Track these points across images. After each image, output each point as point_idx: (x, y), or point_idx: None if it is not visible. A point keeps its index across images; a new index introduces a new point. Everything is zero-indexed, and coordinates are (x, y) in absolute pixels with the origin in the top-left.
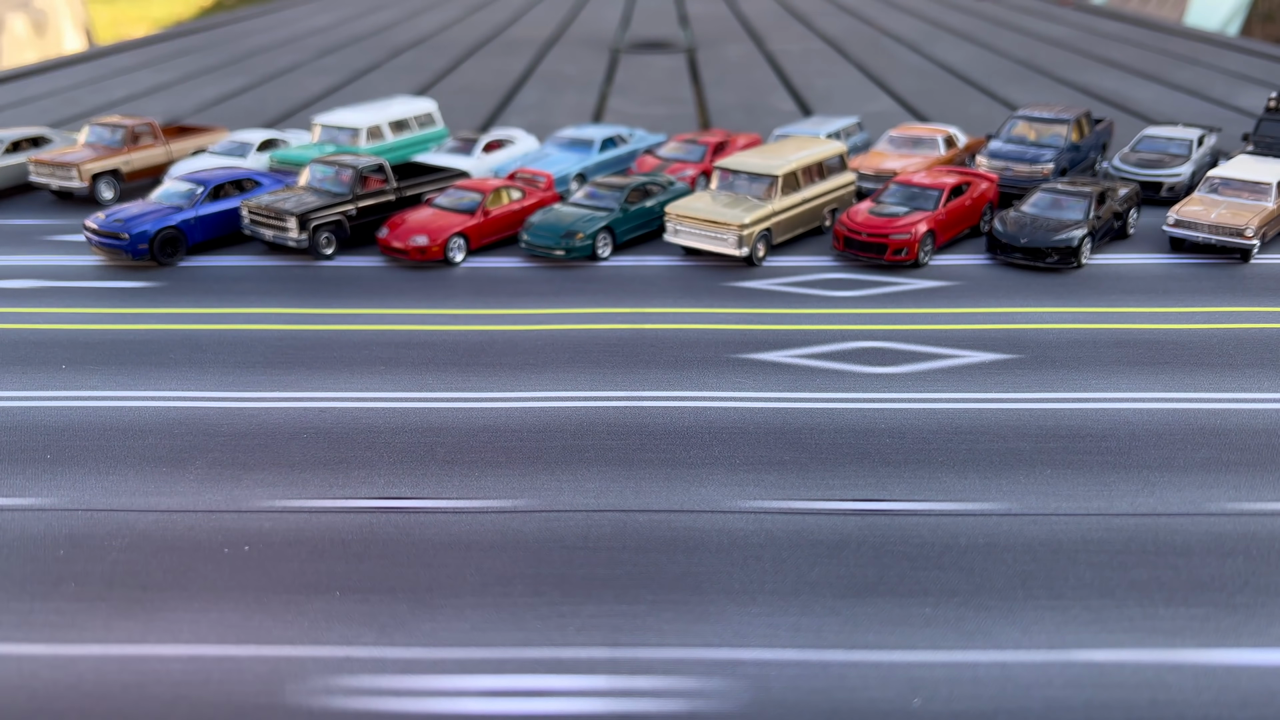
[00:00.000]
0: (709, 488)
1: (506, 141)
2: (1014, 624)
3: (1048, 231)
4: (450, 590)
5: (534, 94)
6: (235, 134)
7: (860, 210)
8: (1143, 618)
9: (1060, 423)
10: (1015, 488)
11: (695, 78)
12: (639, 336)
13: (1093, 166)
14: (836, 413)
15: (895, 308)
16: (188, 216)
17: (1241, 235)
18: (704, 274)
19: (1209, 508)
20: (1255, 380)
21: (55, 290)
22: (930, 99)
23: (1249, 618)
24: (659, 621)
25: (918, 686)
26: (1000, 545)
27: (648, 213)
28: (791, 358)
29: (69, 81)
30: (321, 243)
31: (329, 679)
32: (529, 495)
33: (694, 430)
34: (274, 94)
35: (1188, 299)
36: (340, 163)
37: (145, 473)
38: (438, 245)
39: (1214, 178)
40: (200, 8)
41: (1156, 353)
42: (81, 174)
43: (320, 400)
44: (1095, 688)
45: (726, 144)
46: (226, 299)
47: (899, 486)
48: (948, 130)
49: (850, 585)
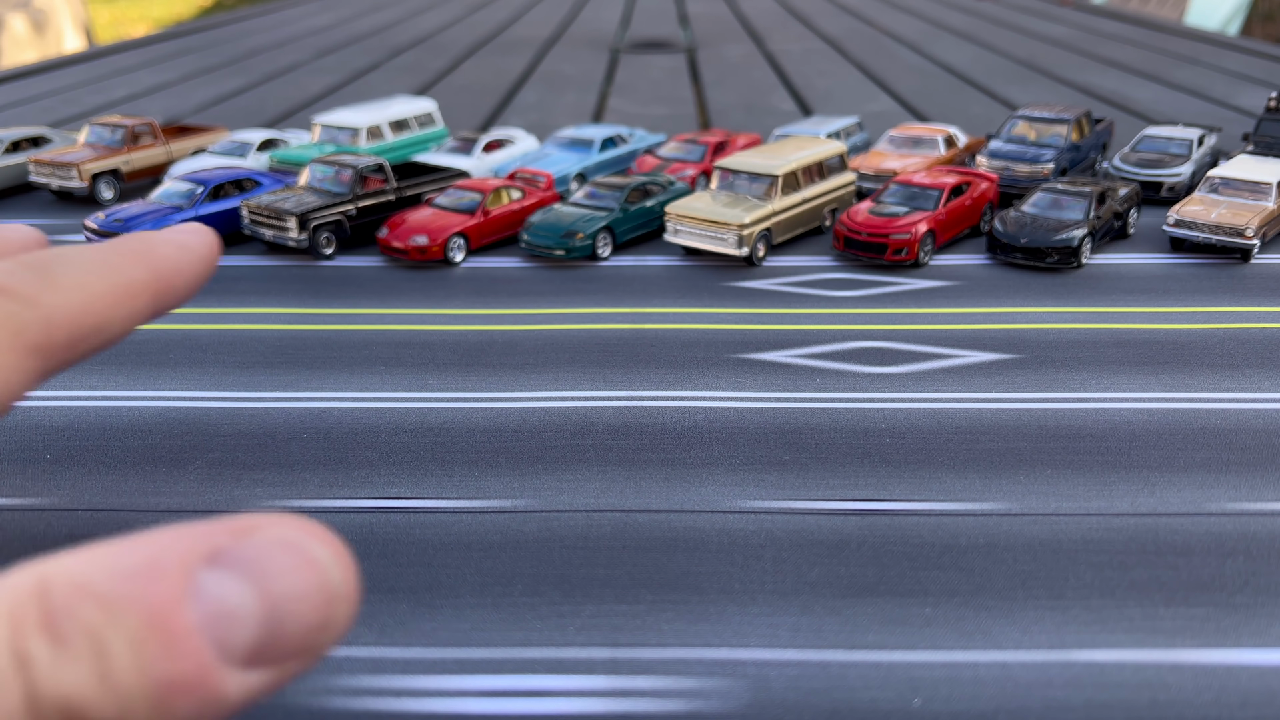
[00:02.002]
0: (709, 488)
1: (506, 141)
2: (1014, 624)
3: (1048, 231)
4: (450, 590)
5: (534, 94)
6: (235, 134)
7: (860, 210)
8: (1143, 618)
9: (1060, 422)
10: (1015, 488)
11: (695, 78)
12: (639, 336)
13: (1093, 166)
14: (836, 413)
15: (895, 308)
16: (187, 216)
17: (1242, 235)
18: (704, 274)
19: (1209, 508)
20: (1256, 380)
21: None
22: (930, 99)
23: (1249, 618)
24: (659, 621)
25: (918, 686)
26: (1000, 545)
27: (648, 213)
28: (791, 358)
29: (69, 81)
30: (321, 242)
31: (328, 679)
32: (529, 495)
33: (694, 430)
34: (274, 94)
35: (1188, 299)
36: (340, 163)
37: (145, 472)
38: (438, 245)
39: (1214, 177)
40: (200, 8)
41: (1157, 352)
42: (81, 174)
43: (320, 400)
44: (1096, 688)
45: (726, 144)
46: (226, 299)
47: (899, 486)
48: (948, 130)
49: (850, 585)
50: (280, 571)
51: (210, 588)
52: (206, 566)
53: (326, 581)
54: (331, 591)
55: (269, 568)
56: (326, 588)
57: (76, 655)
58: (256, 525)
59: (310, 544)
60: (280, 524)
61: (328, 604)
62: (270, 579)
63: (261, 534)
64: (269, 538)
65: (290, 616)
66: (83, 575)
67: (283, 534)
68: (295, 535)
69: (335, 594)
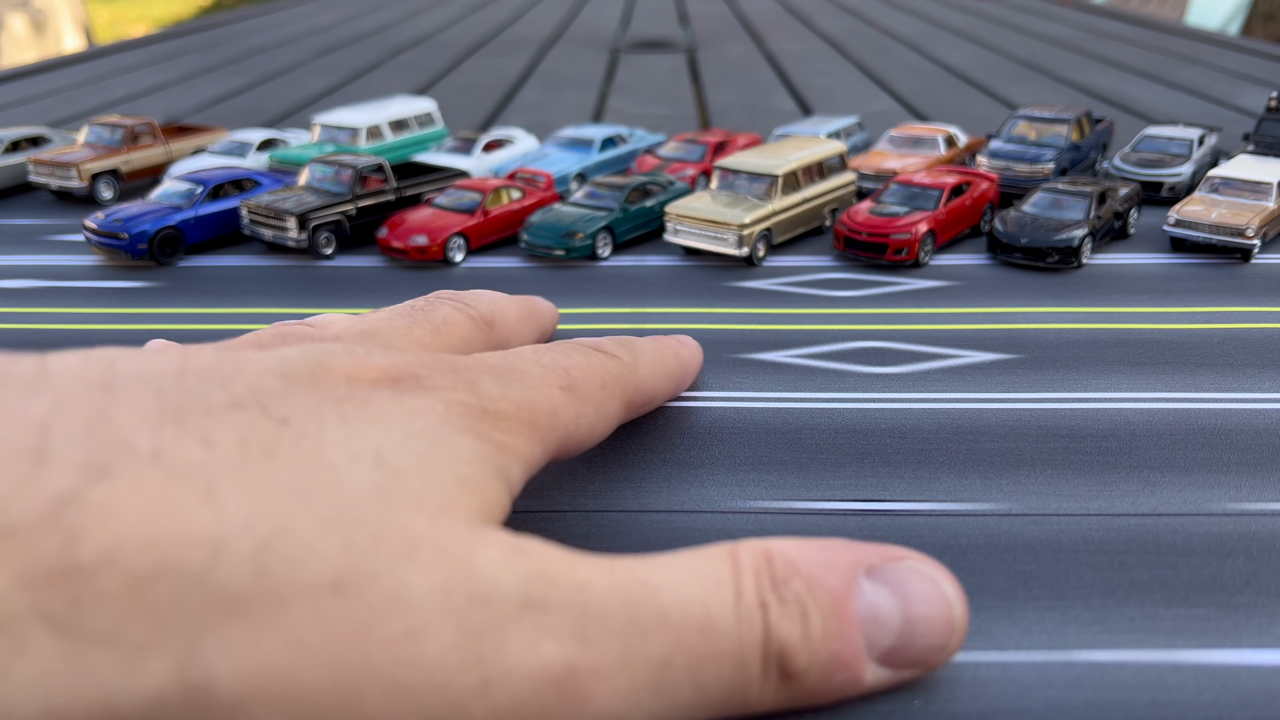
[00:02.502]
0: (709, 488)
1: (506, 141)
2: (1015, 624)
3: (1048, 231)
4: None
5: (534, 94)
6: (235, 134)
7: (860, 210)
8: (1143, 618)
9: (1061, 422)
10: (1016, 488)
11: (695, 77)
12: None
13: (1093, 166)
14: (836, 413)
15: (895, 307)
16: (187, 216)
17: (1242, 235)
18: (704, 274)
19: (1210, 508)
20: (1256, 380)
21: (55, 290)
22: (930, 99)
23: (1250, 618)
24: None
25: (918, 687)
26: (1001, 545)
27: (648, 212)
28: (791, 358)
29: (69, 81)
30: (321, 242)
31: None
32: (529, 496)
33: (694, 430)
34: (274, 94)
35: (1188, 299)
36: (340, 162)
37: None
38: (437, 245)
39: (1214, 177)
40: (200, 7)
41: (1157, 352)
42: (81, 174)
43: None
44: (1096, 688)
45: (726, 144)
46: (226, 299)
47: (899, 486)
48: (948, 130)
49: None
50: (919, 596)
51: (869, 594)
52: (867, 577)
53: (951, 614)
54: (954, 623)
55: (911, 591)
56: (951, 619)
57: (791, 615)
58: (903, 555)
59: (942, 580)
60: (920, 559)
61: (949, 632)
62: (911, 601)
63: (906, 563)
64: (912, 567)
65: (920, 634)
66: (793, 555)
67: (923, 567)
68: (932, 570)
69: (956, 626)
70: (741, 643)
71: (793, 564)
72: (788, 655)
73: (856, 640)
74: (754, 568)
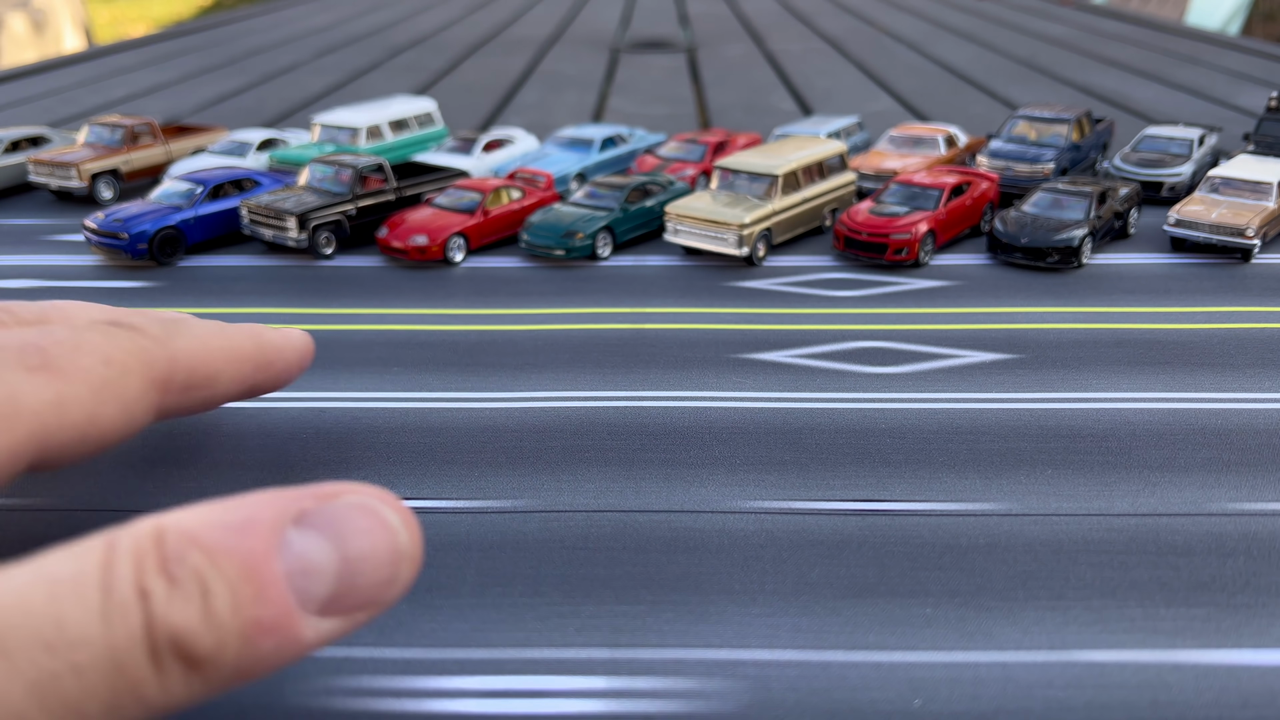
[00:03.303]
0: (709, 488)
1: (506, 141)
2: (1015, 624)
3: (1048, 231)
4: (450, 590)
5: (534, 93)
6: (235, 134)
7: (860, 210)
8: (1144, 618)
9: (1061, 422)
10: (1016, 488)
11: (695, 77)
12: (639, 336)
13: (1093, 166)
14: (836, 413)
15: (895, 307)
16: (187, 216)
17: (1242, 235)
18: (704, 274)
19: (1210, 508)
20: (1256, 380)
21: (55, 290)
22: (930, 99)
23: (1250, 618)
24: (659, 622)
25: (918, 687)
26: (1001, 545)
27: (648, 212)
28: (791, 358)
29: (69, 81)
30: (321, 242)
31: (329, 679)
32: (529, 495)
33: (694, 430)
34: (273, 94)
35: (1188, 299)
36: (340, 162)
37: (145, 472)
38: (437, 245)
39: (1215, 177)
40: (200, 8)
41: (1157, 352)
42: (81, 173)
43: (320, 400)
44: (1096, 688)
45: (726, 144)
46: (226, 298)
47: (899, 486)
48: (948, 130)
49: (851, 586)
50: (356, 532)
51: (296, 545)
52: (294, 526)
53: (396, 542)
54: (399, 551)
55: (346, 529)
56: (395, 548)
57: (186, 595)
58: (339, 491)
59: (383, 509)
60: (359, 490)
61: (395, 562)
62: (347, 539)
63: (342, 499)
64: (348, 502)
65: (363, 573)
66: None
67: (360, 499)
68: (371, 501)
69: (402, 553)
70: (113, 645)
71: (191, 536)
72: (185, 640)
73: (283, 599)
74: (135, 553)
